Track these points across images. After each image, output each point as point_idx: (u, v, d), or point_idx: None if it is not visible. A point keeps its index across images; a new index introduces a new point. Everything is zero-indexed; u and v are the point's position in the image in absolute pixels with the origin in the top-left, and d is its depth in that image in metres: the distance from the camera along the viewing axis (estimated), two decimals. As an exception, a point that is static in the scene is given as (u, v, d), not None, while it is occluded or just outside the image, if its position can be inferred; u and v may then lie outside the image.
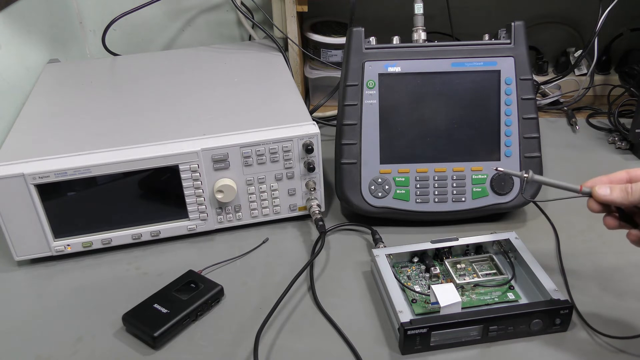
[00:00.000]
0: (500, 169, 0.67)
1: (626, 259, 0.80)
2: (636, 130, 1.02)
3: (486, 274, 0.76)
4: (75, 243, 0.83)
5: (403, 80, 0.85)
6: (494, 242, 0.79)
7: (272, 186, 0.86)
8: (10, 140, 0.85)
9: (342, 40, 1.17)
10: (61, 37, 1.27)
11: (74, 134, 0.86)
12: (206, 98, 0.95)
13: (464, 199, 0.85)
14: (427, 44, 0.87)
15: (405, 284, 0.75)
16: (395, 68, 0.85)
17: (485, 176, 0.85)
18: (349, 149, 0.85)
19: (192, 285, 0.76)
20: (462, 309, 0.68)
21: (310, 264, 0.79)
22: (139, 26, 1.35)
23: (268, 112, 0.90)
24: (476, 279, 0.75)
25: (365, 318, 0.72)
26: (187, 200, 0.84)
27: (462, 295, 0.73)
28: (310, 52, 1.20)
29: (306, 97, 1.25)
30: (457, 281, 0.74)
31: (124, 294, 0.77)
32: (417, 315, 0.70)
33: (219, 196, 0.83)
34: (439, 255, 0.79)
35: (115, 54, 1.22)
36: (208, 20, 1.36)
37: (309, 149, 0.84)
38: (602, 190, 0.62)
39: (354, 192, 0.86)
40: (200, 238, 0.88)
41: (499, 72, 0.85)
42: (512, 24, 0.85)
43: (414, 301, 0.72)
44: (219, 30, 1.37)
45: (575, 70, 1.23)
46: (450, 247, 0.79)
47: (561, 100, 1.22)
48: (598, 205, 0.63)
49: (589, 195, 0.63)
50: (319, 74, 1.20)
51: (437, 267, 0.77)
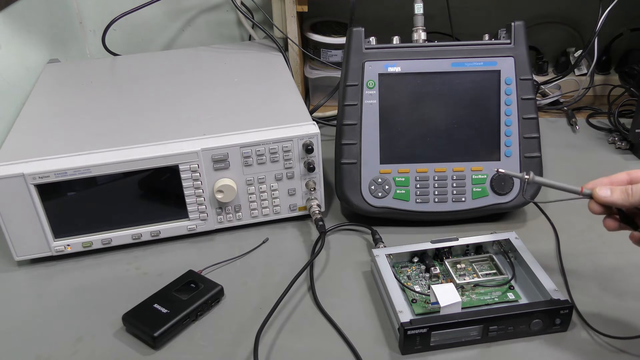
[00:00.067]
0: (501, 170, 0.67)
1: (626, 259, 0.80)
2: (636, 130, 1.02)
3: (486, 274, 0.76)
4: (75, 243, 0.83)
5: (403, 80, 0.85)
6: (494, 242, 0.79)
7: (272, 186, 0.86)
8: (10, 140, 0.85)
9: (342, 40, 1.17)
10: (61, 37, 1.27)
11: (74, 134, 0.86)
12: (206, 98, 0.95)
13: (464, 199, 0.85)
14: (427, 44, 0.87)
15: (405, 284, 0.75)
16: (395, 68, 0.85)
17: (485, 176, 0.85)
18: (349, 149, 0.85)
19: (192, 285, 0.76)
20: (462, 309, 0.68)
21: (310, 264, 0.79)
22: (139, 26, 1.35)
23: (268, 112, 0.90)
24: (476, 279, 0.75)
25: (365, 318, 0.72)
26: (187, 200, 0.84)
27: (462, 295, 0.73)
28: (310, 52, 1.20)
29: (306, 97, 1.25)
30: (457, 281, 0.74)
31: (124, 294, 0.77)
32: (417, 315, 0.70)
33: (219, 196, 0.83)
34: (439, 255, 0.79)
35: (115, 54, 1.22)
36: (208, 20, 1.36)
37: (309, 149, 0.84)
38: (602, 191, 0.62)
39: (354, 192, 0.86)
40: (200, 238, 0.88)
41: (499, 72, 0.85)
42: (512, 24, 0.85)
43: (414, 301, 0.72)
44: (219, 30, 1.37)
45: (575, 70, 1.23)
46: (450, 247, 0.78)
47: (561, 100, 1.22)
48: (599, 207, 0.63)
49: (589, 197, 0.63)
50: (319, 74, 1.20)
51: (437, 267, 0.77)
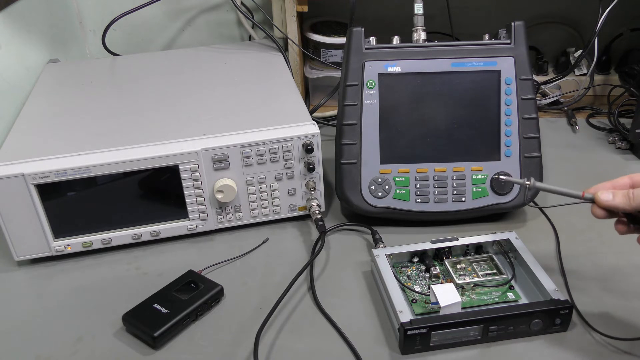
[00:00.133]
0: (502, 177, 0.67)
1: (626, 259, 0.80)
2: (636, 130, 1.02)
3: (486, 274, 0.76)
4: (75, 243, 0.83)
5: (403, 80, 0.85)
6: (494, 242, 0.79)
7: (272, 186, 0.86)
8: (10, 140, 0.85)
9: (342, 40, 1.17)
10: (61, 37, 1.27)
11: (74, 134, 0.86)
12: (206, 98, 0.95)
13: (464, 199, 0.85)
14: (427, 44, 0.87)
15: (405, 284, 0.75)
16: (395, 68, 0.85)
17: (485, 176, 0.85)
18: (349, 149, 0.85)
19: (192, 285, 0.76)
20: (462, 309, 0.68)
21: (310, 264, 0.79)
22: (139, 26, 1.35)
23: (268, 112, 0.90)
24: (476, 279, 0.75)
25: (365, 318, 0.72)
26: (187, 200, 0.84)
27: (462, 295, 0.73)
28: (310, 52, 1.20)
29: (306, 97, 1.25)
30: (457, 281, 0.74)
31: (124, 294, 0.77)
32: (417, 315, 0.70)
33: (219, 196, 0.83)
34: (439, 255, 0.79)
35: (115, 54, 1.22)
36: (208, 20, 1.36)
37: (309, 149, 0.84)
38: (604, 195, 0.62)
39: (354, 192, 0.86)
40: (200, 238, 0.88)
41: (499, 72, 0.85)
42: (512, 24, 0.85)
43: (414, 301, 0.72)
44: (219, 30, 1.37)
45: (575, 70, 1.23)
46: (450, 247, 0.78)
47: (561, 100, 1.22)
48: (602, 211, 0.63)
49: (591, 202, 0.63)
50: (319, 74, 1.20)
51: (437, 267, 0.77)
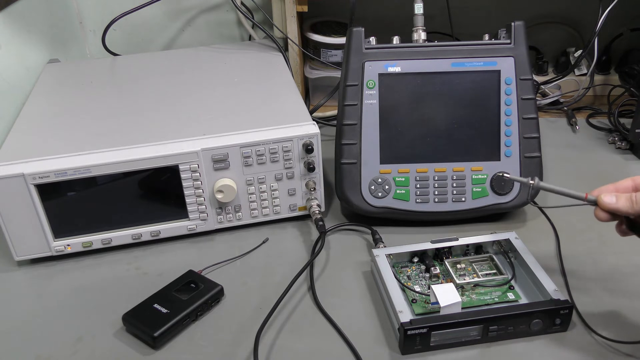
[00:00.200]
0: (506, 175, 0.67)
1: (626, 259, 0.80)
2: (636, 130, 1.02)
3: (486, 274, 0.76)
4: (75, 243, 0.83)
5: (403, 80, 0.85)
6: (494, 242, 0.79)
7: (272, 186, 0.86)
8: (10, 140, 0.85)
9: (342, 40, 1.17)
10: (61, 37, 1.27)
11: (74, 134, 0.86)
12: (206, 98, 0.95)
13: (464, 199, 0.85)
14: (427, 44, 0.87)
15: (405, 284, 0.75)
16: (395, 68, 0.85)
17: (485, 176, 0.85)
18: (349, 149, 0.85)
19: (192, 285, 0.76)
20: (462, 309, 0.68)
21: (310, 264, 0.79)
22: (139, 26, 1.35)
23: (268, 112, 0.90)
24: (476, 279, 0.75)
25: (365, 318, 0.72)
26: (187, 200, 0.84)
27: (462, 295, 0.73)
28: (310, 52, 1.20)
29: (306, 97, 1.25)
30: (457, 281, 0.74)
31: (124, 294, 0.77)
32: (417, 315, 0.70)
33: (219, 196, 0.83)
34: (439, 255, 0.79)
35: (115, 54, 1.22)
36: (208, 20, 1.36)
37: (309, 149, 0.84)
38: (607, 198, 0.62)
39: (354, 192, 0.86)
40: (200, 238, 0.88)
41: (499, 72, 0.85)
42: (512, 24, 0.85)
43: (414, 301, 0.72)
44: (219, 30, 1.37)
45: (575, 70, 1.23)
46: (450, 247, 0.78)
47: (561, 100, 1.22)
48: (605, 214, 0.63)
49: (594, 204, 0.63)
50: (319, 74, 1.20)
51: (437, 267, 0.77)
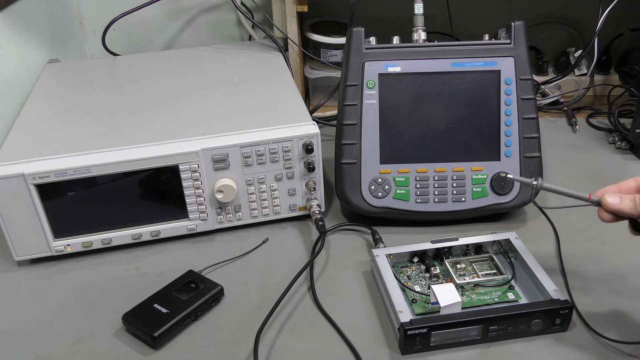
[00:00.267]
0: (509, 175, 0.67)
1: (626, 259, 0.80)
2: (636, 130, 1.02)
3: (486, 274, 0.76)
4: (75, 243, 0.83)
5: (403, 80, 0.85)
6: (494, 242, 0.79)
7: (272, 186, 0.86)
8: (10, 140, 0.85)
9: (342, 40, 1.17)
10: (61, 37, 1.27)
11: (74, 134, 0.86)
12: (206, 98, 0.95)
13: (464, 199, 0.85)
14: (427, 44, 0.87)
15: (405, 284, 0.75)
16: (395, 68, 0.85)
17: (485, 176, 0.85)
18: (349, 149, 0.85)
19: (192, 285, 0.76)
20: (462, 309, 0.68)
21: (310, 264, 0.79)
22: (139, 26, 1.35)
23: (268, 112, 0.90)
24: (476, 279, 0.75)
25: (365, 318, 0.72)
26: (187, 200, 0.84)
27: (462, 295, 0.73)
28: (310, 52, 1.20)
29: (306, 97, 1.25)
30: (457, 281, 0.74)
31: (124, 294, 0.77)
32: (417, 315, 0.70)
33: (219, 196, 0.83)
34: (439, 255, 0.79)
35: (115, 54, 1.22)
36: (208, 20, 1.36)
37: (309, 149, 0.84)
38: (611, 199, 0.62)
39: (354, 192, 0.86)
40: (200, 238, 0.88)
41: (499, 72, 0.85)
42: (512, 24, 0.85)
43: (414, 301, 0.72)
44: (219, 30, 1.37)
45: (575, 70, 1.23)
46: (450, 247, 0.78)
47: (561, 100, 1.22)
48: (609, 215, 0.62)
49: (597, 204, 0.63)
50: (319, 74, 1.20)
51: (437, 267, 0.77)
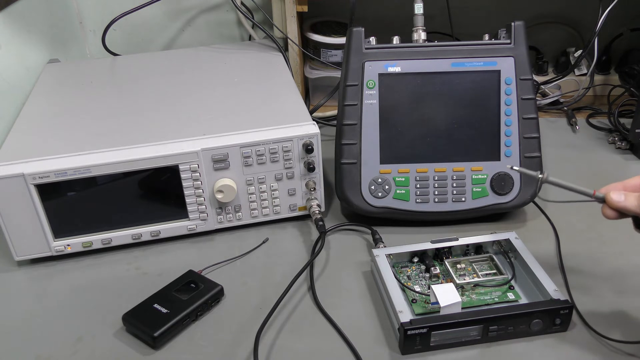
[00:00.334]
0: (515, 167, 0.66)
1: (626, 259, 0.80)
2: (636, 130, 1.02)
3: (486, 274, 0.76)
4: (75, 243, 0.83)
5: (403, 80, 0.85)
6: (494, 242, 0.79)
7: (272, 186, 0.86)
8: (10, 140, 0.85)
9: (342, 40, 1.17)
10: (61, 37, 1.27)
11: (74, 134, 0.86)
12: (206, 98, 0.95)
13: (464, 199, 0.85)
14: (427, 44, 0.87)
15: (405, 284, 0.75)
16: (395, 68, 0.85)
17: (485, 176, 0.85)
18: (349, 149, 0.85)
19: (192, 285, 0.76)
20: (462, 309, 0.68)
21: (310, 264, 0.79)
22: (139, 26, 1.35)
23: (268, 112, 0.90)
24: (476, 279, 0.75)
25: (365, 318, 0.72)
26: (187, 200, 0.84)
27: (462, 295, 0.73)
28: (310, 52, 1.20)
29: (306, 97, 1.25)
30: (457, 281, 0.74)
31: (124, 294, 0.77)
32: (417, 315, 0.70)
33: (219, 196, 0.83)
34: (439, 255, 0.79)
35: (115, 54, 1.22)
36: (208, 20, 1.36)
37: (309, 149, 0.84)
38: (615, 196, 0.61)
39: (354, 192, 0.86)
40: (200, 238, 0.88)
41: (499, 72, 0.85)
42: (512, 24, 0.85)
43: (414, 301, 0.72)
44: (219, 30, 1.37)
45: (575, 70, 1.23)
46: (450, 247, 0.78)
47: (561, 100, 1.22)
48: (613, 212, 0.62)
49: (602, 201, 0.63)
50: (319, 74, 1.20)
51: (437, 267, 0.77)
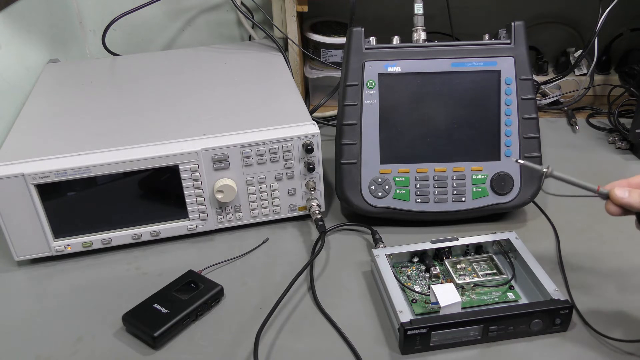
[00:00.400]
0: (520, 161, 0.66)
1: (626, 259, 0.80)
2: (636, 130, 1.02)
3: (486, 274, 0.76)
4: (75, 243, 0.83)
5: (403, 80, 0.85)
6: (494, 242, 0.79)
7: (272, 186, 0.86)
8: (10, 140, 0.85)
9: (342, 40, 1.17)
10: (61, 37, 1.27)
11: (74, 134, 0.86)
12: (206, 98, 0.95)
13: (464, 199, 0.85)
14: (427, 44, 0.87)
15: (405, 284, 0.75)
16: (395, 68, 0.85)
17: (485, 176, 0.85)
18: (349, 149, 0.85)
19: (192, 285, 0.76)
20: (462, 309, 0.68)
21: (310, 264, 0.79)
22: (139, 26, 1.35)
23: (268, 112, 0.90)
24: (476, 279, 0.75)
25: (365, 318, 0.72)
26: (187, 200, 0.84)
27: (462, 295, 0.73)
28: (310, 52, 1.20)
29: (306, 97, 1.25)
30: (457, 281, 0.74)
31: (124, 294, 0.77)
32: (417, 315, 0.70)
33: (219, 196, 0.83)
34: (439, 255, 0.79)
35: (115, 54, 1.22)
36: (208, 20, 1.36)
37: (309, 149, 0.84)
38: (620, 192, 0.61)
39: (354, 192, 0.86)
40: (200, 238, 0.88)
41: (499, 72, 0.85)
42: (512, 24, 0.85)
43: (414, 301, 0.72)
44: (219, 30, 1.37)
45: (575, 70, 1.23)
46: (450, 247, 0.78)
47: (561, 100, 1.22)
48: (617, 208, 0.62)
49: (605, 197, 0.63)
50: (319, 74, 1.20)
51: (437, 267, 0.77)
